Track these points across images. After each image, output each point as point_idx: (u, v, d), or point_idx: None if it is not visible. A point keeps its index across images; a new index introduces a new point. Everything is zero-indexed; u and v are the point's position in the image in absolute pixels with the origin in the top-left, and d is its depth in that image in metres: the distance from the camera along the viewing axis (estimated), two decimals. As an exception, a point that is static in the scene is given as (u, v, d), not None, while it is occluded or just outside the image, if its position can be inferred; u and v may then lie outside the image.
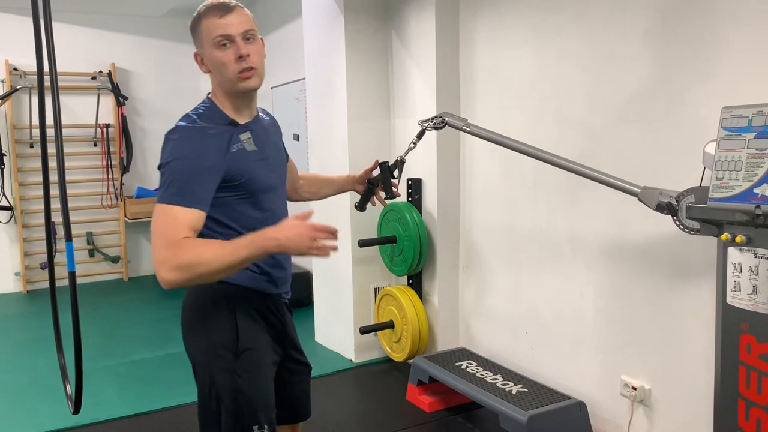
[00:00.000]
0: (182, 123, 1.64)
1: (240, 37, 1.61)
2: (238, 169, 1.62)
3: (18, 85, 5.61)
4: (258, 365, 1.72)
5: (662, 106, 2.39)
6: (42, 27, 1.61)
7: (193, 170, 1.55)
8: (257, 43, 1.67)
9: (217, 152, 1.60)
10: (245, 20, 1.64)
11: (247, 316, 1.72)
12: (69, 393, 1.84)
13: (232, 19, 1.61)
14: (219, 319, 1.69)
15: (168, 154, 1.58)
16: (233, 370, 1.67)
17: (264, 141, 1.75)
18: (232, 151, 1.62)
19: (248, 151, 1.67)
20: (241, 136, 1.67)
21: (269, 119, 1.89)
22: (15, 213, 5.75)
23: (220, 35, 1.60)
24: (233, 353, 1.67)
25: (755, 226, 1.79)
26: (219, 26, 1.60)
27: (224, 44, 1.61)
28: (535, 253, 3.05)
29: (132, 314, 5.15)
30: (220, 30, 1.60)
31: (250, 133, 1.70)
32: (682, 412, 2.43)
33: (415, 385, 3.22)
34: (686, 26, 2.28)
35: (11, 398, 3.48)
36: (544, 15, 2.89)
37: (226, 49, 1.61)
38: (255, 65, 1.64)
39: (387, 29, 3.75)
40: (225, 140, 1.62)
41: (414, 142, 2.34)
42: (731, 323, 1.88)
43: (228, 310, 1.69)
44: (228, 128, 1.65)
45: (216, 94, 1.71)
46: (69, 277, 1.70)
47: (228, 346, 1.68)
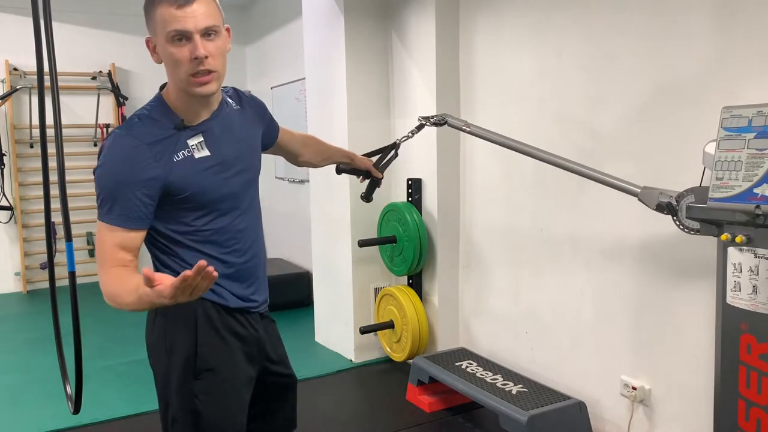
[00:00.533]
0: (118, 130, 1.47)
1: (199, 34, 1.40)
2: (181, 181, 1.45)
3: (18, 85, 5.61)
4: (221, 386, 1.57)
5: (662, 106, 2.39)
6: (42, 27, 1.60)
7: (123, 186, 1.41)
8: (220, 38, 1.45)
9: (154, 164, 1.42)
10: (208, 13, 1.41)
11: (210, 332, 1.56)
12: (69, 393, 1.84)
13: (191, 12, 1.38)
14: (178, 337, 1.56)
15: (99, 164, 1.45)
16: (191, 392, 1.54)
17: (222, 140, 1.55)
18: (175, 161, 1.45)
19: (197, 159, 1.49)
20: (190, 141, 1.49)
21: (239, 107, 1.67)
22: (15, 213, 5.75)
23: (175, 30, 1.39)
24: (192, 374, 1.54)
25: (755, 226, 1.79)
26: (175, 19, 1.38)
27: (179, 40, 1.40)
28: (535, 253, 3.05)
29: (132, 314, 5.07)
30: (176, 23, 1.38)
31: (201, 135, 1.51)
32: (682, 412, 2.43)
33: (415, 385, 3.21)
34: (686, 26, 2.28)
35: (11, 398, 3.48)
36: (544, 15, 2.89)
37: (181, 46, 1.40)
38: (214, 68, 1.43)
39: (387, 29, 3.75)
40: (166, 148, 1.45)
41: (412, 132, 2.35)
42: (731, 323, 1.88)
43: (189, 329, 1.55)
44: (173, 133, 1.47)
45: (168, 88, 1.52)
46: (69, 277, 1.69)
47: (187, 366, 1.54)
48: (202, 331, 1.56)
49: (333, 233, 3.97)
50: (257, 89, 6.10)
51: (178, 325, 1.57)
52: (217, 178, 1.52)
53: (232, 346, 1.60)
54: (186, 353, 1.55)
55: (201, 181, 1.49)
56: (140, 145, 1.43)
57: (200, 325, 1.56)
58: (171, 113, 1.49)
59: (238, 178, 1.59)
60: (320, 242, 4.16)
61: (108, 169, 1.43)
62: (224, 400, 1.58)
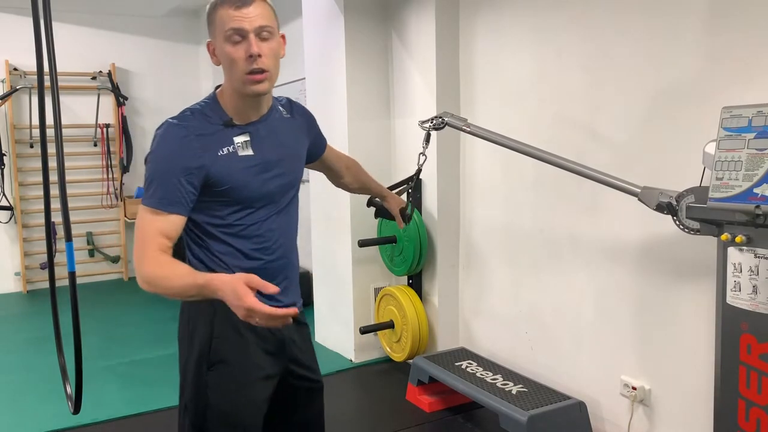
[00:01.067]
0: (171, 119, 1.56)
1: (254, 33, 1.48)
2: (221, 175, 1.52)
3: (18, 85, 5.61)
4: (232, 379, 1.60)
5: (662, 106, 2.39)
6: (42, 27, 1.60)
7: (169, 172, 1.48)
8: (274, 41, 1.53)
9: (200, 154, 1.50)
10: (263, 14, 1.50)
11: (227, 326, 1.59)
12: (69, 393, 1.84)
13: (248, 12, 1.47)
14: (198, 329, 1.61)
15: (150, 151, 1.54)
16: (204, 383, 1.59)
17: (267, 143, 1.62)
18: (219, 155, 1.53)
19: (240, 156, 1.56)
20: (236, 139, 1.56)
21: (290, 116, 1.75)
22: (15, 213, 5.75)
23: (232, 29, 1.48)
24: (206, 365, 1.59)
25: (755, 226, 1.79)
26: (232, 18, 1.47)
27: (236, 39, 1.48)
28: (535, 253, 3.05)
29: (132, 314, 5.15)
30: (232, 23, 1.47)
31: (248, 135, 1.58)
32: (682, 412, 2.43)
33: (415, 385, 3.22)
34: (686, 26, 2.28)
35: (11, 398, 3.48)
36: (544, 15, 2.89)
37: (237, 45, 1.49)
38: (267, 67, 1.51)
39: (387, 29, 3.75)
40: (213, 142, 1.53)
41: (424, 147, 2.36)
42: (731, 323, 1.88)
43: (207, 320, 1.59)
44: (221, 129, 1.55)
45: (223, 89, 1.61)
46: (69, 277, 1.69)
47: (201, 359, 1.59)
48: (219, 324, 1.59)
49: (333, 233, 3.97)
50: (257, 89, 6.10)
51: (199, 317, 1.61)
52: (257, 177, 1.58)
53: (249, 341, 1.62)
54: (202, 344, 1.60)
55: (240, 178, 1.55)
56: (189, 135, 1.51)
57: (218, 318, 1.59)
58: (222, 111, 1.57)
59: (276, 181, 1.64)
60: (320, 242, 4.16)
61: (157, 155, 1.52)
62: (234, 393, 1.60)
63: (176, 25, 6.36)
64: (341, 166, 2.06)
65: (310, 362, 1.81)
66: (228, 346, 1.60)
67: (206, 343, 1.60)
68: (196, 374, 1.60)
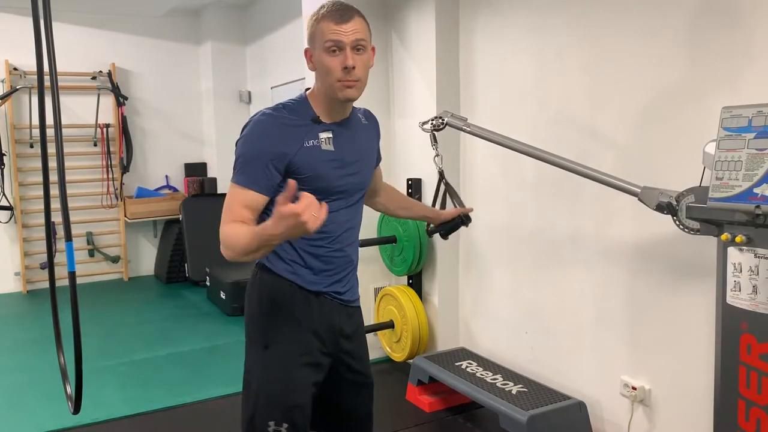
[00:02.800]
0: (266, 109, 1.70)
1: (350, 46, 1.63)
2: (304, 164, 1.66)
3: (18, 85, 5.61)
4: (282, 361, 1.73)
5: (662, 106, 2.39)
6: (42, 27, 1.60)
7: (256, 154, 1.63)
8: (366, 54, 1.69)
9: (287, 141, 1.65)
10: (359, 29, 1.65)
11: (281, 310, 1.74)
12: (69, 393, 1.84)
13: (346, 28, 1.63)
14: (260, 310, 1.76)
15: (242, 136, 1.68)
16: (261, 362, 1.74)
17: (346, 143, 1.75)
18: (305, 146, 1.67)
19: (322, 150, 1.69)
20: (321, 134, 1.70)
21: (367, 123, 1.90)
22: (15, 213, 5.75)
23: (332, 41, 1.63)
24: (263, 345, 1.74)
25: (755, 226, 1.79)
26: (333, 32, 1.63)
27: (333, 50, 1.63)
28: (535, 253, 3.05)
29: (132, 314, 5.15)
30: (333, 35, 1.63)
31: (331, 132, 1.72)
32: (682, 412, 2.43)
33: (415, 385, 3.22)
34: (686, 26, 2.28)
35: (11, 398, 3.48)
36: (544, 15, 2.89)
37: (335, 56, 1.64)
38: (359, 78, 1.67)
39: (387, 29, 3.75)
40: (300, 133, 1.67)
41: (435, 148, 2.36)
42: (731, 323, 1.88)
43: (268, 302, 1.75)
44: (309, 124, 1.70)
45: (313, 91, 1.74)
46: (69, 277, 1.69)
47: (260, 336, 1.75)
48: (279, 307, 1.74)
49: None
50: (257, 89, 6.10)
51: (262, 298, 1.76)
52: (334, 171, 1.72)
53: (303, 327, 1.75)
54: (261, 324, 1.76)
55: (320, 169, 1.69)
56: (279, 125, 1.66)
57: (273, 301, 1.74)
58: (311, 109, 1.72)
59: (350, 178, 1.77)
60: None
61: (249, 139, 1.66)
62: (285, 373, 1.72)
63: (176, 25, 6.35)
64: (381, 185, 2.19)
65: (362, 357, 1.90)
66: (284, 328, 1.74)
67: (264, 324, 1.75)
68: (255, 352, 1.76)
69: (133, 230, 6.34)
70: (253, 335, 1.78)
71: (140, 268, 6.43)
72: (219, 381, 3.61)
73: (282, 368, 1.72)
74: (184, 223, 5.92)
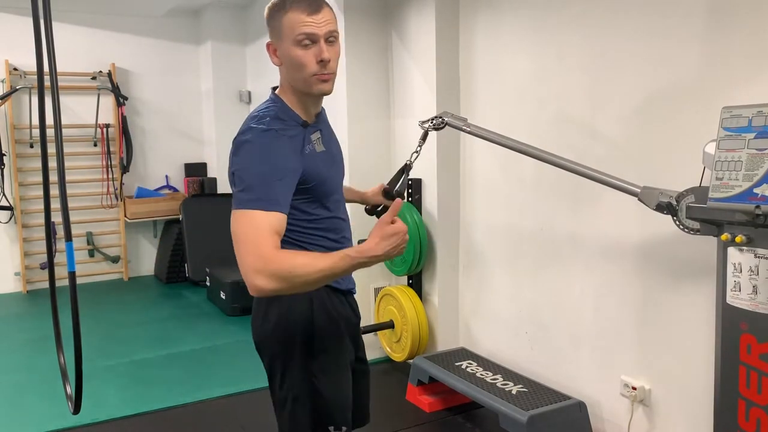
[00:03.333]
0: (255, 125, 1.55)
1: (324, 38, 1.54)
2: (311, 172, 1.57)
3: (18, 85, 5.60)
4: (335, 365, 1.69)
5: (662, 106, 2.39)
6: (42, 27, 1.60)
7: (272, 173, 1.49)
8: (337, 45, 1.60)
9: (294, 154, 1.54)
10: (331, 20, 1.56)
11: (323, 315, 1.68)
12: (69, 393, 1.84)
13: (319, 18, 1.52)
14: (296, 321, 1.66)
15: (244, 158, 1.52)
16: (311, 371, 1.65)
17: (328, 138, 1.72)
18: (306, 153, 1.58)
19: (318, 152, 1.62)
20: (312, 137, 1.63)
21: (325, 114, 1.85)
22: (15, 213, 5.75)
23: (305, 33, 1.52)
24: (310, 354, 1.65)
25: (755, 226, 1.79)
26: (305, 24, 1.52)
27: (306, 43, 1.53)
28: (535, 253, 3.05)
29: (132, 314, 5.15)
30: (305, 28, 1.52)
31: (319, 132, 1.66)
32: (682, 412, 2.43)
33: (415, 385, 3.22)
34: (686, 26, 2.28)
35: (11, 398, 3.48)
36: (544, 15, 2.89)
37: (308, 49, 1.53)
38: (334, 71, 1.59)
39: (387, 29, 3.75)
40: (299, 142, 1.57)
41: (419, 146, 2.33)
42: (731, 323, 1.88)
43: (304, 310, 1.65)
44: (301, 129, 1.60)
45: (284, 89, 1.64)
46: (69, 277, 1.69)
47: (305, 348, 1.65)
48: (318, 314, 1.66)
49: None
50: (257, 89, 6.10)
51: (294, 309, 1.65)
52: (330, 170, 1.68)
53: (341, 329, 1.72)
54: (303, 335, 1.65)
55: (323, 173, 1.63)
56: (282, 137, 1.54)
57: (315, 308, 1.66)
58: (293, 113, 1.61)
59: (340, 172, 1.76)
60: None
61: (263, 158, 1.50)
62: (339, 378, 1.69)
63: (176, 25, 6.35)
64: None
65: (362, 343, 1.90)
66: (327, 334, 1.68)
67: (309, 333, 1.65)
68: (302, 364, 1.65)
69: (133, 230, 6.34)
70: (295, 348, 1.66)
71: (140, 268, 6.43)
72: (219, 381, 3.61)
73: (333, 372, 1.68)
74: (184, 223, 5.92)
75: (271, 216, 1.46)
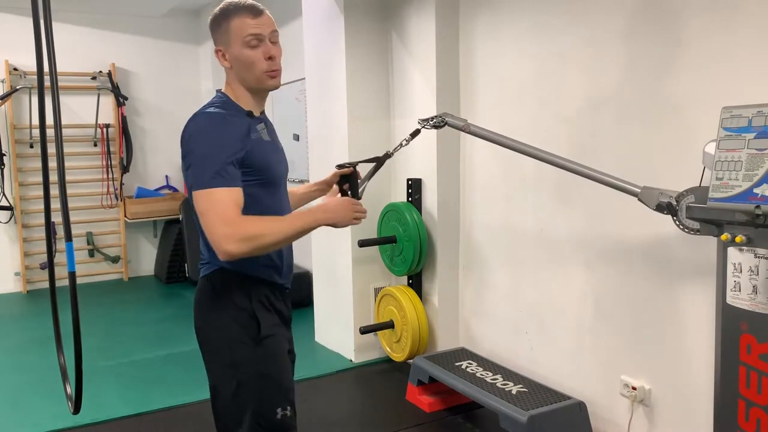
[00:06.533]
0: (202, 111, 1.70)
1: (268, 38, 1.71)
2: (256, 155, 1.69)
3: (18, 85, 5.61)
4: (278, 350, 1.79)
5: (662, 106, 2.39)
6: (42, 27, 1.60)
7: (221, 151, 1.62)
8: (279, 45, 1.77)
9: (239, 135, 1.66)
10: (272, 23, 1.75)
11: (262, 304, 1.77)
12: (69, 393, 1.84)
13: (262, 21, 1.70)
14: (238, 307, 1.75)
15: (194, 140, 1.64)
16: (256, 357, 1.74)
17: (272, 132, 1.85)
18: (252, 138, 1.70)
19: (264, 141, 1.75)
20: (258, 127, 1.75)
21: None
22: (15, 213, 5.75)
23: (252, 34, 1.69)
24: (255, 341, 1.74)
25: (755, 226, 1.79)
26: (251, 26, 1.69)
27: (254, 44, 1.69)
28: (535, 253, 3.05)
29: (132, 314, 5.15)
30: (252, 29, 1.69)
31: (264, 124, 1.79)
32: (682, 412, 2.43)
33: (415, 385, 3.22)
34: (686, 26, 2.28)
35: (11, 398, 3.48)
36: (544, 15, 2.89)
37: (256, 49, 1.70)
38: (280, 67, 1.76)
39: (387, 29, 3.75)
40: (245, 126, 1.70)
41: (407, 140, 2.31)
42: (731, 323, 1.88)
43: (246, 298, 1.75)
44: (246, 118, 1.73)
45: (232, 89, 1.77)
46: (69, 277, 1.69)
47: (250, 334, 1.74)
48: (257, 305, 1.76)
49: (333, 233, 3.95)
50: (257, 89, 6.10)
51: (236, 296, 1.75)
52: (275, 158, 1.79)
53: (275, 318, 1.82)
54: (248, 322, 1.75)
55: (268, 159, 1.74)
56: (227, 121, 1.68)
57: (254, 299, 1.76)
58: (238, 106, 1.75)
59: (283, 164, 1.87)
60: (320, 242, 4.16)
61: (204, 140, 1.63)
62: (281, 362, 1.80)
63: (176, 25, 6.35)
64: None
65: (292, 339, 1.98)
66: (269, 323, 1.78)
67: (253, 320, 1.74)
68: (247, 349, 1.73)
69: (133, 230, 6.35)
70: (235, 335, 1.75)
71: (140, 268, 6.43)
72: (219, 381, 3.60)
73: (277, 357, 1.78)
74: (184, 223, 5.92)
75: (231, 191, 1.60)
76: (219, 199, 1.57)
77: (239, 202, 1.61)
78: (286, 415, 1.76)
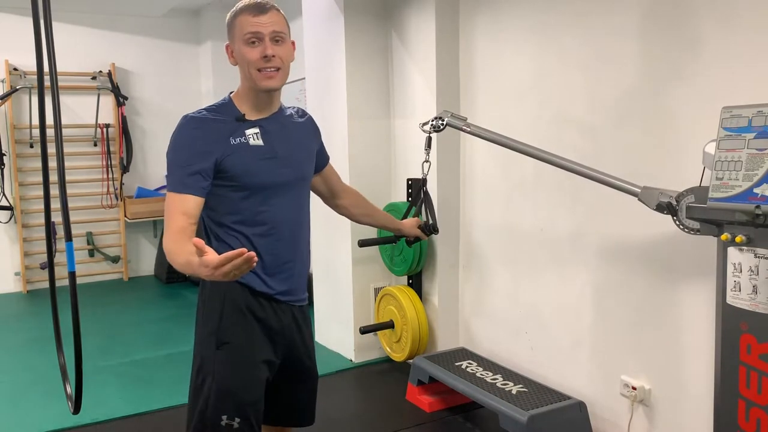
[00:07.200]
0: (188, 114, 1.74)
1: (268, 37, 1.70)
2: (232, 162, 1.70)
3: (18, 85, 5.61)
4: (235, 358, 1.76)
5: (662, 106, 2.39)
6: (42, 27, 1.60)
7: (186, 157, 1.67)
8: (285, 45, 1.75)
9: (212, 139, 1.69)
10: (277, 22, 1.72)
11: (234, 309, 1.77)
12: (69, 393, 1.84)
13: (264, 20, 1.70)
14: (211, 310, 1.78)
15: (170, 144, 1.72)
16: (213, 359, 1.76)
17: (276, 137, 1.79)
18: (232, 143, 1.71)
19: (251, 146, 1.73)
20: (248, 131, 1.74)
21: (302, 120, 1.94)
22: (15, 213, 5.75)
23: (250, 32, 1.70)
24: (215, 345, 1.76)
25: (755, 226, 1.79)
26: (250, 24, 1.70)
27: (253, 42, 1.70)
28: (535, 253, 3.05)
29: (132, 314, 5.15)
30: (251, 27, 1.69)
31: (258, 128, 1.76)
32: (682, 412, 2.43)
33: (415, 385, 3.22)
34: (686, 26, 2.28)
35: (11, 398, 3.48)
36: (543, 15, 2.89)
37: (254, 47, 1.70)
38: (279, 67, 1.72)
39: (387, 29, 3.75)
40: (226, 131, 1.71)
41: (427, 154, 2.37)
42: (731, 323, 1.88)
43: (219, 301, 1.77)
44: (233, 122, 1.74)
45: (238, 91, 1.80)
46: (69, 277, 1.69)
47: (212, 337, 1.76)
48: (227, 307, 1.77)
49: (333, 233, 3.97)
50: (257, 89, 6.10)
51: (212, 299, 1.79)
52: (266, 164, 1.75)
53: (252, 326, 1.79)
54: (212, 325, 1.77)
55: (251, 165, 1.72)
56: (201, 126, 1.71)
57: (226, 301, 1.77)
58: (235, 109, 1.77)
59: (286, 171, 1.81)
60: (320, 242, 4.16)
61: (176, 145, 1.71)
62: (240, 371, 1.76)
63: (176, 25, 6.35)
64: (340, 187, 2.21)
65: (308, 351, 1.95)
66: (236, 328, 1.77)
67: (217, 323, 1.76)
68: (209, 352, 1.76)
69: (133, 230, 6.34)
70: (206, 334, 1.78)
71: (140, 268, 6.43)
72: (219, 381, 3.60)
73: (233, 365, 1.75)
74: (184, 223, 5.92)
75: (182, 198, 1.66)
76: (169, 204, 1.68)
77: (188, 211, 1.66)
78: (231, 426, 1.73)
